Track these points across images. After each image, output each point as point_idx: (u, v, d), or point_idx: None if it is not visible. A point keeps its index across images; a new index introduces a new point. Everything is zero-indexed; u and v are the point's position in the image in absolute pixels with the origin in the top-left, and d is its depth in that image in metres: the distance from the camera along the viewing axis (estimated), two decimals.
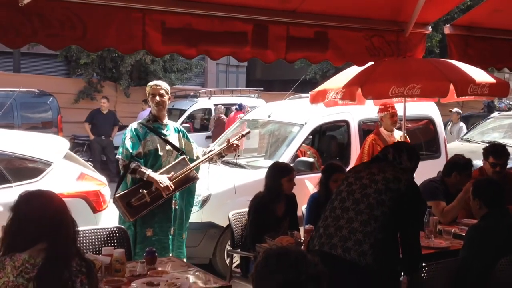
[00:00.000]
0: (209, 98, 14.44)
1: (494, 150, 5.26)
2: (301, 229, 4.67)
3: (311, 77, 19.28)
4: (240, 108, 12.34)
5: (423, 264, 3.63)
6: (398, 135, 6.40)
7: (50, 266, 2.30)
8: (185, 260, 4.45)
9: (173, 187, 4.53)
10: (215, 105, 13.80)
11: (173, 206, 4.74)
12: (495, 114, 13.55)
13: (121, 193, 4.52)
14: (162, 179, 4.50)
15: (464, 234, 3.97)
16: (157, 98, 4.68)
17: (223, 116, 12.76)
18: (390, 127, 6.31)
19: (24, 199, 2.44)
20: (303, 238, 4.14)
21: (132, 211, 4.46)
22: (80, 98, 16.04)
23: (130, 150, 4.55)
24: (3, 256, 2.32)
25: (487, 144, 5.86)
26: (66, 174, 5.60)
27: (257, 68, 26.32)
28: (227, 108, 13.93)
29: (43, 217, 2.37)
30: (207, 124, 14.23)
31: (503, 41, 5.61)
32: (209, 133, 13.57)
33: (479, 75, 5.35)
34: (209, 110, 14.28)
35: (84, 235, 3.84)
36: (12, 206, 2.43)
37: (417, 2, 4.82)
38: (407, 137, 6.48)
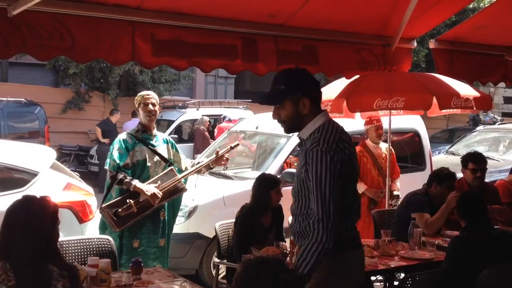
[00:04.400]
0: (198, 109, 14.48)
1: (473, 156, 5.38)
2: (287, 240, 4.69)
3: None
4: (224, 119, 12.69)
5: (407, 275, 3.67)
6: (384, 147, 6.47)
7: (25, 272, 2.32)
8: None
9: (161, 194, 4.54)
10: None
11: (161, 217, 4.75)
12: (480, 127, 13.70)
13: (108, 203, 4.52)
14: (149, 187, 4.51)
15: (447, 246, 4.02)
16: (150, 107, 4.69)
17: (202, 127, 12.85)
18: (375, 139, 6.39)
19: (13, 207, 2.46)
20: (289, 249, 4.16)
21: (119, 221, 4.46)
22: (68, 108, 16.00)
23: (117, 161, 4.56)
24: None
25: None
26: (53, 184, 5.59)
27: (246, 79, 26.40)
28: (215, 119, 14.00)
29: (14, 224, 2.39)
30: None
31: (487, 56, 5.73)
32: None
33: (463, 89, 5.44)
34: (197, 120, 14.32)
35: (70, 245, 3.83)
36: (5, 213, 2.46)
37: (403, 17, 4.92)
38: (392, 149, 6.56)
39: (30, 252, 2.37)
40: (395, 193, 6.40)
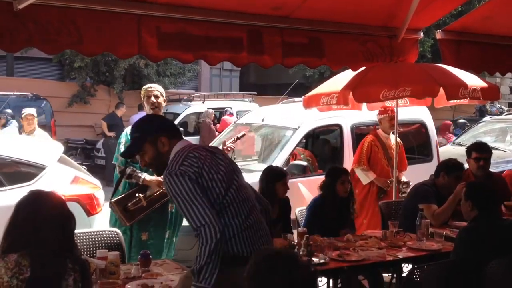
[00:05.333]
0: (203, 102, 14.48)
1: (476, 146, 5.45)
2: (294, 232, 4.70)
3: (309, 76, 19.39)
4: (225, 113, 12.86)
5: (415, 266, 3.66)
6: (393, 138, 6.49)
7: (42, 266, 2.32)
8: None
9: None
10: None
11: (169, 209, 4.76)
12: (486, 118, 13.65)
13: (117, 198, 4.53)
14: (158, 180, 4.52)
15: (455, 237, 4.01)
16: (152, 99, 4.67)
17: (207, 120, 12.89)
18: (388, 130, 6.39)
19: (25, 199, 2.46)
20: (296, 241, 4.17)
21: (129, 215, 4.47)
22: (74, 102, 16.04)
23: None
24: None
25: None
26: (60, 178, 5.61)
27: (251, 72, 26.37)
28: (221, 112, 14.02)
29: (46, 218, 2.40)
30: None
31: (494, 46, 5.70)
32: None
33: (470, 79, 5.42)
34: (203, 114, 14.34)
35: (78, 238, 3.85)
36: (15, 206, 2.46)
37: (409, 8, 4.89)
38: (401, 141, 6.58)
39: (55, 245, 2.37)
40: (404, 179, 6.42)
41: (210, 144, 8.01)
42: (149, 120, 3.15)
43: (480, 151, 5.30)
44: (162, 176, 2.86)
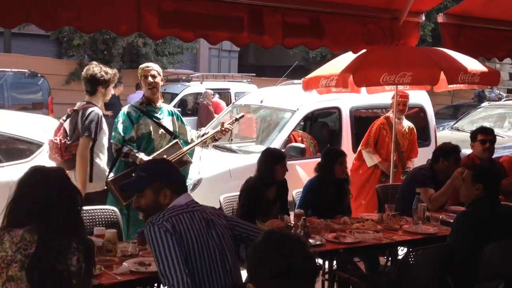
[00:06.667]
0: (201, 83, 14.41)
1: (481, 128, 5.52)
2: (291, 213, 4.71)
3: (312, 58, 19.33)
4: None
5: (410, 249, 3.68)
6: (406, 125, 6.48)
7: (46, 243, 2.31)
8: None
9: None
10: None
11: None
12: (485, 103, 13.62)
13: (114, 177, 4.53)
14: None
15: (451, 221, 4.03)
16: (150, 79, 4.64)
17: (206, 101, 12.86)
18: (398, 114, 6.36)
19: (31, 175, 2.44)
20: (293, 222, 4.19)
21: (125, 195, 4.46)
22: (71, 80, 15.95)
23: (122, 134, 4.55)
24: (1, 231, 2.32)
25: None
26: None
27: (250, 53, 26.23)
28: (219, 93, 13.98)
29: (48, 193, 2.38)
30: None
31: (494, 31, 5.66)
32: None
33: (471, 64, 5.39)
34: (201, 94, 14.30)
35: None
36: (18, 181, 2.44)
37: None
38: (414, 128, 6.59)
39: (60, 223, 2.35)
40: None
41: (208, 125, 8.01)
42: (163, 167, 2.95)
43: (486, 133, 5.37)
44: None
